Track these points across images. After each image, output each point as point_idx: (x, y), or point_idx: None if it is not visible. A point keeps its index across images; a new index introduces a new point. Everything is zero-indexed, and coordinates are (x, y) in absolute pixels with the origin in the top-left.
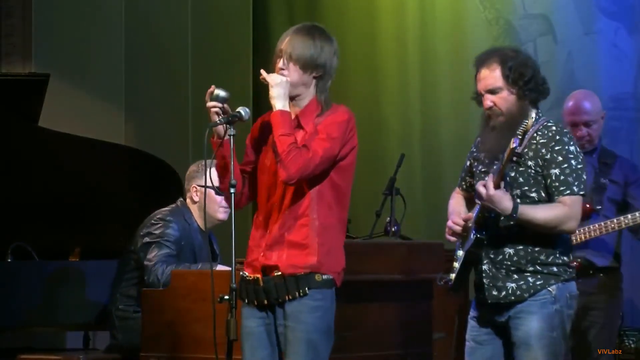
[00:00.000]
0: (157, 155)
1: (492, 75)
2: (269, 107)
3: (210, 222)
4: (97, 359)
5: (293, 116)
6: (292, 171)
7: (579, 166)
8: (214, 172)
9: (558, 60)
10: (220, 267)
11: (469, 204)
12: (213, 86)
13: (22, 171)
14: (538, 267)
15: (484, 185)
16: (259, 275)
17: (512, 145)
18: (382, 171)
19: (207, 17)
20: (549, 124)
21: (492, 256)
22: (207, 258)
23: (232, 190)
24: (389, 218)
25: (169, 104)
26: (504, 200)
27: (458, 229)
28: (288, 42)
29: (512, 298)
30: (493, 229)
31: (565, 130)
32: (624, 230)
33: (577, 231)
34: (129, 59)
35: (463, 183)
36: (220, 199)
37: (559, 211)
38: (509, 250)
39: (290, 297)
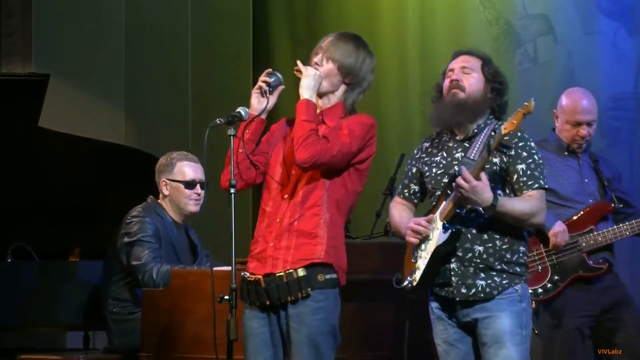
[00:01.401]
0: (157, 155)
1: (471, 60)
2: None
3: (182, 215)
4: (97, 359)
5: (318, 111)
6: (307, 155)
7: (541, 161)
8: (187, 166)
9: (558, 60)
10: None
11: (413, 213)
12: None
13: (22, 171)
14: (504, 266)
15: (464, 178)
16: (260, 276)
17: (504, 131)
18: (382, 171)
19: (207, 17)
20: (503, 124)
21: (460, 254)
22: (187, 252)
23: (232, 191)
24: (388, 218)
25: (169, 104)
26: (486, 191)
27: (422, 229)
28: (331, 43)
29: (482, 295)
30: (461, 226)
31: (521, 128)
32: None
33: (607, 232)
34: (129, 59)
35: (406, 191)
36: (189, 192)
37: (531, 204)
38: (479, 248)
39: (292, 299)
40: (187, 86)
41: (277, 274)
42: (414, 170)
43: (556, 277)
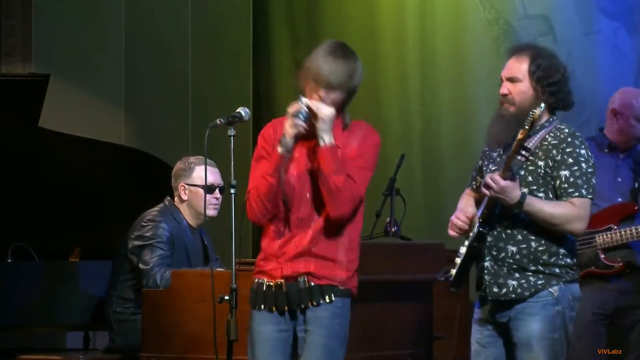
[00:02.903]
0: (157, 155)
1: (517, 66)
2: (269, 108)
3: (199, 219)
4: (97, 359)
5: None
6: (345, 211)
7: (590, 170)
8: (203, 170)
9: None
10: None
11: (478, 204)
12: (299, 103)
13: (22, 171)
14: (540, 267)
15: (492, 178)
16: (281, 281)
17: (520, 136)
18: (382, 171)
19: (207, 17)
20: (562, 127)
21: (494, 253)
22: (200, 256)
23: (232, 191)
24: (389, 218)
25: (169, 104)
26: (515, 190)
27: (461, 224)
28: (327, 70)
29: (513, 296)
30: (497, 225)
31: (577, 134)
32: None
33: (623, 231)
34: (129, 59)
35: (473, 183)
36: (209, 196)
37: (566, 209)
38: (512, 248)
39: (314, 304)
40: (187, 86)
41: (300, 279)
42: (480, 163)
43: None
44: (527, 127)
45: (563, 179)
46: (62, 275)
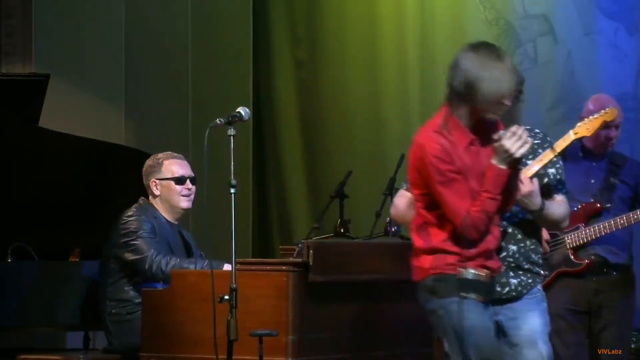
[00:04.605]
0: None
1: None
2: (268, 107)
3: (175, 212)
4: (97, 359)
5: None
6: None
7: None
8: (174, 164)
9: (558, 60)
10: (227, 267)
11: None
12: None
13: (22, 171)
14: (529, 265)
15: (521, 181)
16: (492, 274)
17: (574, 137)
18: (382, 171)
19: (207, 17)
20: (530, 127)
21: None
22: (181, 251)
23: (232, 191)
24: (388, 218)
25: (169, 104)
26: (538, 196)
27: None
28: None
29: (514, 294)
30: (505, 225)
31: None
32: (634, 230)
33: (587, 229)
34: (129, 59)
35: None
36: (180, 187)
37: (565, 209)
38: (513, 247)
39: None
40: (187, 86)
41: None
42: None
43: (545, 272)
44: (589, 127)
45: (551, 177)
46: (62, 275)
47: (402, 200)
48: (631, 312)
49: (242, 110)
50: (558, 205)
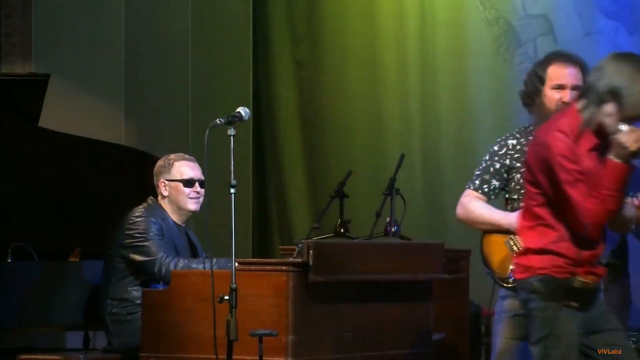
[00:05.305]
0: (158, 156)
1: (579, 77)
2: (269, 108)
3: (182, 215)
4: (97, 359)
5: None
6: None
7: None
8: (185, 165)
9: None
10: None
11: None
12: None
13: (22, 171)
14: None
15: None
16: (598, 280)
17: None
18: (382, 171)
19: (207, 17)
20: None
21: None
22: (187, 253)
23: (232, 191)
24: (389, 218)
25: (169, 104)
26: None
27: None
28: None
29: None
30: None
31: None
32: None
33: None
34: (129, 59)
35: (485, 186)
36: (188, 190)
37: (631, 209)
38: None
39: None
40: (187, 86)
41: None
42: (498, 166)
43: None
44: None
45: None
46: (62, 275)
47: (478, 203)
48: (627, 312)
49: (242, 110)
50: (628, 207)
